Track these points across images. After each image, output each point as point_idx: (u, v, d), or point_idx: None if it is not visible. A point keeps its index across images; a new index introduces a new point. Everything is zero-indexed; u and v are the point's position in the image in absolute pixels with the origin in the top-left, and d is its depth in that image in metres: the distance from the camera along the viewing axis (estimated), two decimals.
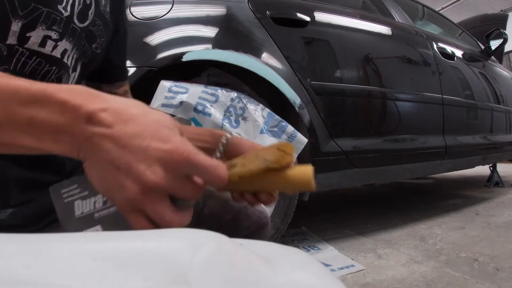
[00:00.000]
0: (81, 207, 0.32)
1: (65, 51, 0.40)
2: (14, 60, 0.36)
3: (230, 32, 1.18)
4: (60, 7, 0.37)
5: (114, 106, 0.26)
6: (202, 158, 0.27)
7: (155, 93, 1.01)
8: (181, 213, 0.28)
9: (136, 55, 1.04)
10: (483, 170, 2.96)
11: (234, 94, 1.10)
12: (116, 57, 0.57)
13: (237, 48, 1.14)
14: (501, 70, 2.52)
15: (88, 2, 0.42)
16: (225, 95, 1.08)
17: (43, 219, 0.43)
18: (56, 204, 0.33)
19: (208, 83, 1.14)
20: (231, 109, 1.08)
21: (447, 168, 1.97)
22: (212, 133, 0.49)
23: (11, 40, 0.34)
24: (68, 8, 0.39)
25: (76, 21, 0.40)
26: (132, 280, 0.15)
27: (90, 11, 0.42)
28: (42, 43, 0.37)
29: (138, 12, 1.07)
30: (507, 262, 1.18)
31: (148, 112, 0.28)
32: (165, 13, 1.09)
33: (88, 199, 0.32)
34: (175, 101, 1.01)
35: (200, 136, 0.49)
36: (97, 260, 0.16)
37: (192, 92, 1.04)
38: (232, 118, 1.08)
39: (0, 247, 0.15)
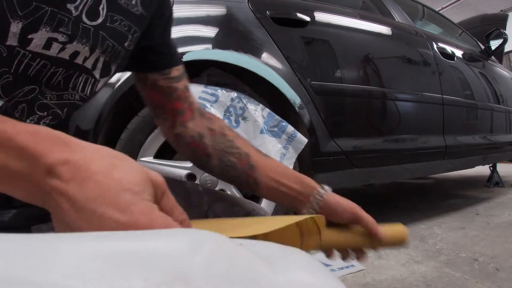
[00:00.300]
0: None
1: (76, 53, 0.36)
2: (16, 62, 0.32)
3: (230, 32, 1.18)
4: (71, 6, 0.33)
5: (76, 159, 0.22)
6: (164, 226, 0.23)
7: None
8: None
9: None
10: (483, 170, 2.96)
11: (234, 94, 1.10)
12: (158, 42, 0.49)
13: (237, 48, 1.14)
14: (501, 70, 2.52)
15: None
16: (225, 95, 1.08)
17: (47, 219, 0.42)
18: None
19: (208, 83, 1.14)
20: (231, 109, 1.09)
21: (447, 168, 1.97)
22: (301, 181, 0.46)
23: (11, 41, 0.31)
24: (79, 8, 0.34)
25: (85, 19, 0.35)
26: (132, 280, 0.15)
27: (101, 7, 0.37)
28: (47, 46, 0.33)
29: None
30: (507, 262, 1.18)
31: (113, 168, 0.23)
32: None
33: None
34: None
35: (288, 181, 0.46)
36: (97, 260, 0.16)
37: (192, 92, 1.04)
38: (232, 118, 1.08)
39: (0, 247, 0.16)
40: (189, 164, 1.10)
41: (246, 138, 1.14)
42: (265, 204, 1.21)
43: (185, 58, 1.05)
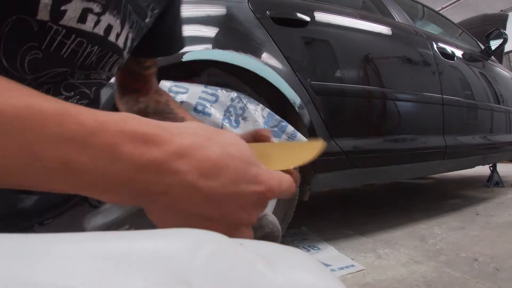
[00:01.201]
0: None
1: (109, 27, 0.33)
2: (48, 40, 0.29)
3: (230, 32, 1.18)
4: None
5: (190, 147, 0.21)
6: (285, 186, 0.25)
7: None
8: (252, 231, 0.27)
9: None
10: (483, 170, 2.96)
11: (234, 94, 1.10)
12: (167, 28, 0.49)
13: (237, 48, 1.14)
14: (501, 70, 2.52)
15: None
16: (225, 95, 1.08)
17: (67, 202, 0.42)
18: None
19: (208, 83, 1.14)
20: (231, 109, 1.08)
21: (447, 168, 1.97)
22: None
23: (42, 15, 0.27)
24: None
25: None
26: (132, 280, 0.15)
27: None
28: (82, 18, 0.29)
29: None
30: (507, 262, 1.18)
31: (226, 147, 0.22)
32: None
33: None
34: None
35: None
36: (97, 260, 0.16)
37: (192, 92, 1.04)
38: (232, 118, 1.08)
39: (0, 247, 0.16)
40: None
41: None
42: None
43: (185, 58, 1.05)
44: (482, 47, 2.42)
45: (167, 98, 0.55)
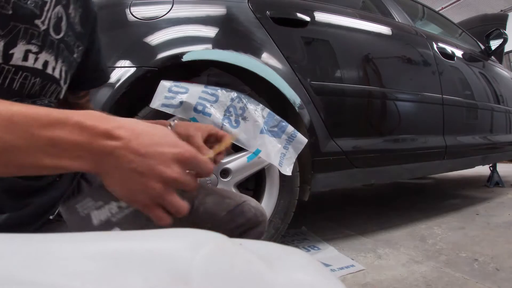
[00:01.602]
0: (98, 216, 0.37)
1: (46, 62, 0.43)
2: (2, 78, 0.38)
3: (230, 32, 1.18)
4: (38, 22, 0.40)
5: (126, 123, 0.32)
6: (200, 156, 0.35)
7: (155, 93, 1.01)
8: (186, 202, 0.35)
9: (136, 55, 1.04)
10: (483, 170, 2.96)
11: (234, 94, 1.10)
12: (93, 63, 0.60)
13: (237, 48, 1.14)
14: (501, 70, 2.52)
15: (60, 15, 0.45)
16: (225, 95, 1.08)
17: (40, 218, 0.46)
18: (72, 219, 0.37)
19: (208, 83, 1.14)
20: (231, 109, 1.08)
21: (447, 168, 1.97)
22: (156, 121, 0.58)
23: None
24: (46, 22, 0.41)
25: (52, 33, 0.43)
26: (132, 280, 0.15)
27: (63, 23, 0.46)
28: (25, 57, 0.39)
29: (138, 12, 1.07)
30: (507, 262, 1.18)
31: (152, 126, 0.34)
32: (165, 13, 1.09)
33: (103, 208, 0.37)
34: (175, 101, 1.01)
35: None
36: (97, 260, 0.16)
37: (192, 92, 1.04)
38: (232, 118, 1.08)
39: (0, 247, 0.15)
40: None
41: (246, 138, 1.14)
42: (266, 203, 1.21)
43: (185, 58, 1.05)
44: (482, 47, 2.42)
45: None
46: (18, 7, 0.37)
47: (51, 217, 0.48)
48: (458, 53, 2.05)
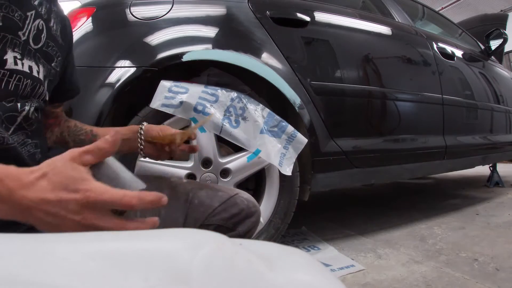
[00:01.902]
0: None
1: (30, 67, 0.49)
2: None
3: (230, 32, 1.18)
4: (20, 33, 0.46)
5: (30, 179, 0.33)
6: (108, 195, 0.32)
7: (155, 93, 1.01)
8: (127, 221, 0.34)
9: (136, 55, 1.04)
10: (483, 170, 2.96)
11: (234, 94, 1.10)
12: (68, 76, 0.66)
13: (237, 48, 1.14)
14: (501, 70, 2.52)
15: (40, 27, 0.51)
16: (225, 95, 1.08)
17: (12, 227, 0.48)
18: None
19: (208, 83, 1.14)
20: (231, 109, 1.08)
21: (447, 168, 1.97)
22: (128, 128, 0.65)
23: None
24: (26, 33, 0.47)
25: (31, 43, 0.49)
26: (132, 280, 0.15)
27: (42, 35, 0.51)
28: (15, 63, 0.46)
29: (138, 12, 1.07)
30: (507, 262, 1.18)
31: (53, 170, 0.34)
32: (165, 13, 1.09)
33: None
34: (175, 101, 1.01)
35: (121, 131, 0.63)
36: (97, 260, 0.16)
37: (192, 92, 1.04)
38: (232, 118, 1.08)
39: (0, 247, 0.15)
40: (189, 164, 1.10)
41: (246, 138, 1.13)
42: (266, 203, 1.21)
43: (185, 58, 1.05)
44: (482, 47, 2.42)
45: (74, 122, 0.71)
46: (7, 19, 0.44)
47: None
48: (458, 53, 2.05)
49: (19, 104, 0.47)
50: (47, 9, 0.52)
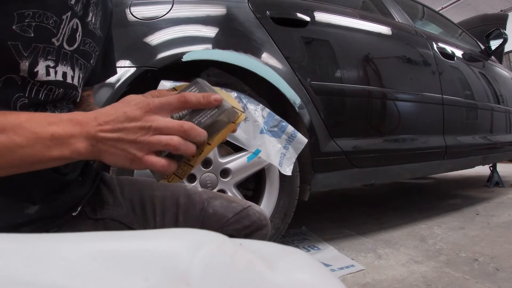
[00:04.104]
0: None
1: (64, 73, 0.47)
2: (28, 89, 0.42)
3: (230, 32, 1.18)
4: (54, 39, 0.44)
5: (103, 111, 0.38)
6: (169, 97, 0.39)
7: None
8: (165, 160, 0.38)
9: (136, 55, 1.04)
10: (483, 170, 2.96)
11: (234, 94, 1.10)
12: (106, 60, 0.64)
13: (237, 48, 1.14)
14: (501, 70, 2.52)
15: (74, 27, 0.47)
16: None
17: (65, 214, 0.51)
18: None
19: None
20: None
21: (447, 168, 1.97)
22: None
23: (23, 73, 0.41)
24: (60, 38, 0.45)
25: (65, 46, 0.46)
26: (132, 280, 0.15)
27: (78, 34, 0.48)
28: (47, 73, 0.44)
29: (138, 12, 1.07)
30: (507, 262, 1.18)
31: (117, 105, 0.39)
32: (165, 13, 1.09)
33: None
34: None
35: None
36: (97, 260, 0.16)
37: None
38: None
39: (0, 247, 0.15)
40: None
41: (246, 138, 1.13)
42: (265, 203, 1.21)
43: (185, 58, 1.05)
44: (482, 47, 2.42)
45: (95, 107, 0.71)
46: (40, 28, 0.41)
47: (73, 214, 0.53)
48: (458, 53, 2.05)
49: (48, 110, 0.47)
50: (83, 4, 0.49)
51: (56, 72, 0.45)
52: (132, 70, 1.01)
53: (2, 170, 0.35)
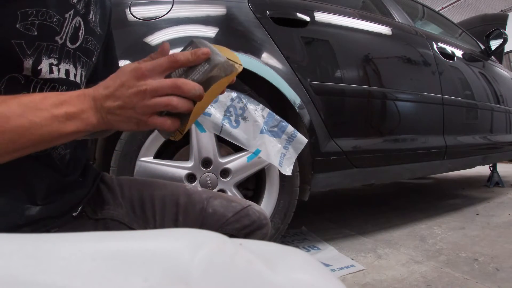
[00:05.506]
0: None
1: (67, 71, 0.48)
2: (32, 87, 0.43)
3: (230, 32, 1.18)
4: (57, 38, 0.45)
5: (105, 84, 0.40)
6: (159, 60, 0.40)
7: None
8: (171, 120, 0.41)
9: (136, 55, 1.04)
10: (483, 170, 2.96)
11: (234, 94, 1.10)
12: (108, 57, 0.64)
13: (237, 48, 1.14)
14: (501, 70, 2.52)
15: (77, 25, 0.48)
16: (225, 95, 1.08)
17: (66, 214, 0.51)
18: None
19: None
20: (231, 109, 1.08)
21: (447, 168, 1.97)
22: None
23: (27, 72, 0.42)
24: (64, 37, 0.46)
25: (68, 44, 0.47)
26: (132, 280, 0.15)
27: (80, 32, 0.49)
28: (50, 71, 0.44)
29: (138, 12, 1.07)
30: (507, 262, 1.18)
31: (117, 74, 0.41)
32: (165, 13, 1.09)
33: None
34: None
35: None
36: (97, 260, 0.16)
37: None
38: (232, 118, 1.08)
39: (0, 247, 0.15)
40: (189, 164, 1.10)
41: (246, 138, 1.14)
42: (265, 203, 1.21)
43: None
44: (482, 47, 2.42)
45: None
46: (43, 27, 0.42)
47: (74, 214, 0.53)
48: (458, 53, 2.05)
49: None
50: (85, 2, 0.49)
51: (59, 70, 0.46)
52: None
53: (25, 149, 0.37)
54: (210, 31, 1.14)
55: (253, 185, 1.33)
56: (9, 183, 0.39)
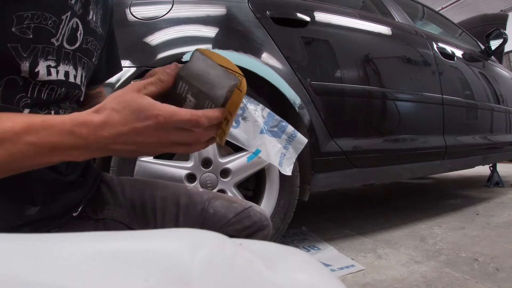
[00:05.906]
0: None
1: (67, 72, 0.47)
2: (30, 89, 0.42)
3: (230, 32, 1.18)
4: (53, 39, 0.44)
5: (105, 119, 0.36)
6: (177, 117, 0.35)
7: None
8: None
9: (136, 55, 1.04)
10: (483, 170, 2.96)
11: None
12: (110, 57, 0.63)
13: (237, 48, 1.14)
14: (501, 70, 2.52)
15: (74, 26, 0.47)
16: None
17: (66, 214, 0.51)
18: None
19: None
20: None
21: (447, 168, 1.97)
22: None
23: (24, 74, 0.41)
24: (60, 38, 0.45)
25: (66, 46, 0.46)
26: (132, 280, 0.15)
27: (79, 33, 0.48)
28: (48, 72, 0.44)
29: (138, 12, 1.07)
30: (507, 262, 1.18)
31: (119, 107, 0.36)
32: (165, 13, 1.09)
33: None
34: None
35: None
36: (97, 260, 0.16)
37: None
38: None
39: (0, 247, 0.15)
40: (189, 164, 1.10)
41: (246, 138, 1.13)
42: (265, 203, 1.21)
43: (185, 58, 1.05)
44: (482, 47, 2.42)
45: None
46: (38, 29, 0.41)
47: (74, 214, 0.53)
48: (458, 53, 2.05)
49: (52, 112, 0.47)
50: (83, 3, 0.48)
51: (57, 72, 0.45)
52: (132, 70, 1.01)
53: (1, 174, 0.35)
54: (210, 31, 1.14)
55: (253, 185, 1.33)
56: (9, 183, 0.39)
